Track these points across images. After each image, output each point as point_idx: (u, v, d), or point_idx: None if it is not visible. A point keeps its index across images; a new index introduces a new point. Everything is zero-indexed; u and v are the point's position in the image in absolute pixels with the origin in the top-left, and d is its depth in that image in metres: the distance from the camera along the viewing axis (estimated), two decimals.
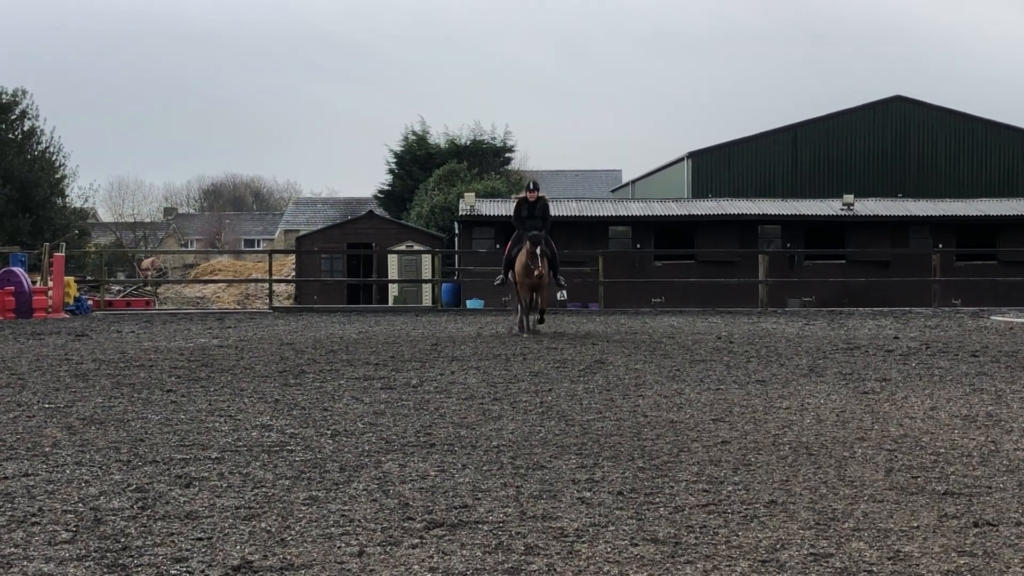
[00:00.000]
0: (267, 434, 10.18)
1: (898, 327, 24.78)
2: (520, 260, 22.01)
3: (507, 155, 67.61)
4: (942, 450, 9.43)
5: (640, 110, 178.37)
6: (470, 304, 38.76)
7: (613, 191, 78.04)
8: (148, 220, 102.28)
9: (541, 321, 23.14)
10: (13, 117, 60.61)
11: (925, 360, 16.96)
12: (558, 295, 21.88)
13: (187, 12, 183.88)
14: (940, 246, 42.75)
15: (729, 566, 5.97)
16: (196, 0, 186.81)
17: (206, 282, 53.15)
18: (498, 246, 43.52)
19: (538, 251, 21.63)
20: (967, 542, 6.46)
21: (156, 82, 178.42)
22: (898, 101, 55.76)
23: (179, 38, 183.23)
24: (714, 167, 55.16)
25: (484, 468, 8.61)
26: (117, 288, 50.19)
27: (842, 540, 6.49)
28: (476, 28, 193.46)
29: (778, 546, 6.36)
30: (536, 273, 21.62)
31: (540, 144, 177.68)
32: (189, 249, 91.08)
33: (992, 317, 29.09)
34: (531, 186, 22.95)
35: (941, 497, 7.61)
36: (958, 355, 17.73)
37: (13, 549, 6.25)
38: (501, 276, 23.41)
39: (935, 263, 36.34)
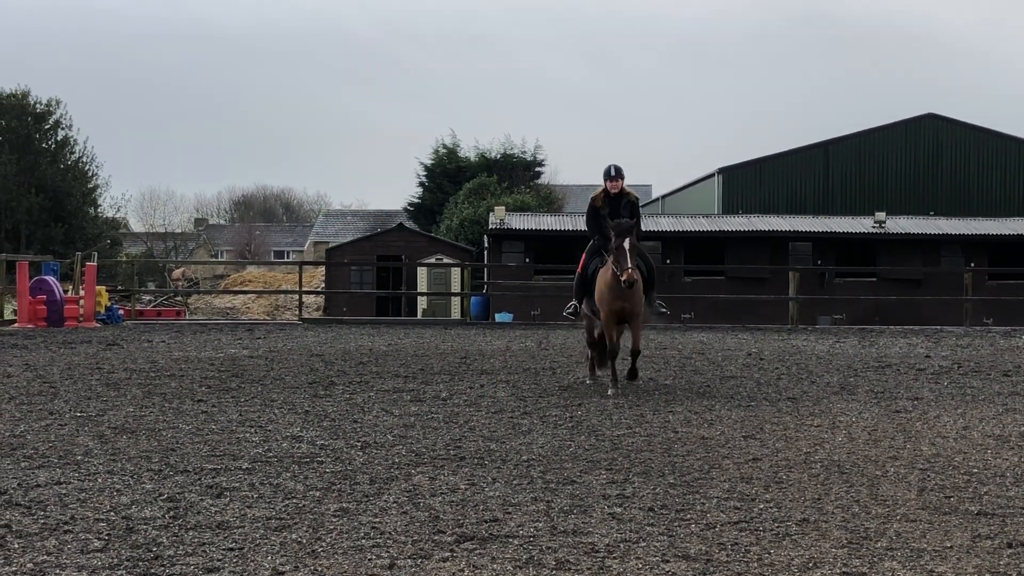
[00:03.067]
0: (297, 445, 10.20)
1: (929, 346, 24.64)
2: (603, 276, 14.88)
3: (537, 169, 67.62)
4: (975, 470, 9.37)
5: (671, 125, 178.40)
6: (499, 318, 38.73)
7: (643, 206, 77.94)
8: (179, 231, 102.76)
9: (634, 372, 15.61)
10: (47, 127, 61.11)
11: (957, 379, 16.85)
12: (653, 309, 15.88)
13: (219, 22, 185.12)
14: (972, 264, 42.47)
15: None
16: (230, 10, 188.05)
17: (236, 293, 53.32)
18: (528, 260, 43.53)
19: (627, 245, 14.31)
20: (1001, 563, 6.41)
21: (188, 92, 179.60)
22: (930, 119, 55.54)
23: (211, 48, 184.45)
24: (745, 183, 55.03)
25: (514, 482, 8.60)
26: (148, 298, 50.42)
27: (875, 559, 6.45)
28: (508, 41, 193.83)
29: (810, 565, 6.33)
30: (626, 280, 14.16)
31: (571, 158, 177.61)
32: (219, 260, 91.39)
33: None
34: (611, 172, 15.31)
35: (974, 517, 7.56)
36: (990, 375, 17.61)
37: (46, 557, 6.28)
38: (572, 304, 16.22)
39: (967, 282, 36.11)
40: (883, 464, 9.59)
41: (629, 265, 14.18)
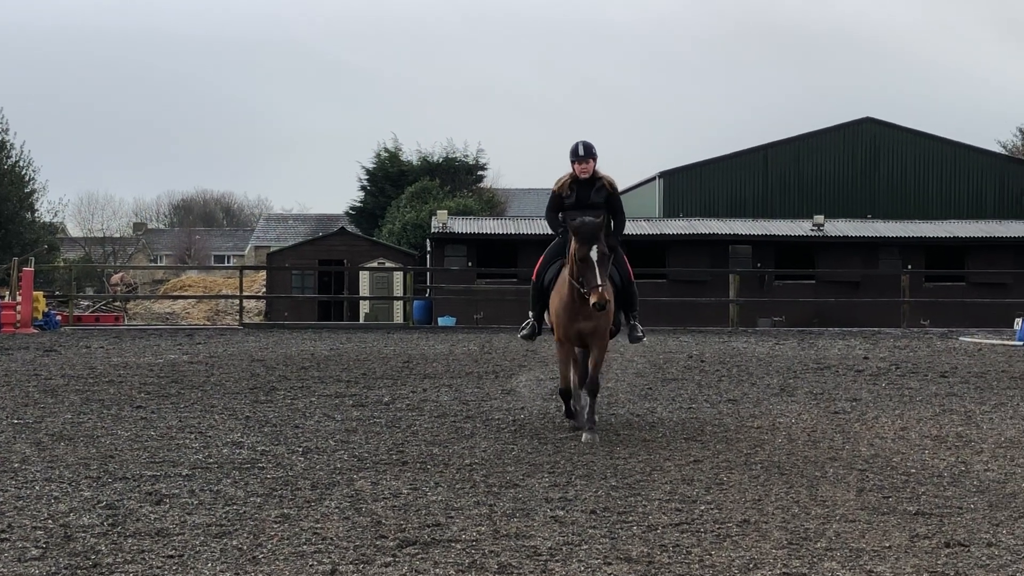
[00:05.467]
0: (238, 451, 10.14)
1: (868, 347, 24.89)
2: (559, 288, 11.52)
3: (479, 172, 67.56)
4: (913, 470, 9.48)
5: (612, 128, 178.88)
6: (442, 321, 38.69)
7: None
8: (117, 235, 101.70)
9: (591, 413, 11.47)
10: None
11: (895, 380, 17.04)
12: (632, 336, 12.27)
13: (159, 25, 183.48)
14: (909, 267, 42.92)
15: None
16: (169, 14, 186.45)
17: (176, 298, 52.90)
18: (470, 263, 43.48)
19: (594, 255, 10.83)
20: (939, 562, 6.48)
21: (126, 96, 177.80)
22: (868, 123, 56.07)
23: (150, 51, 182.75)
24: (685, 186, 55.29)
25: (457, 486, 8.59)
26: (86, 303, 49.85)
27: (815, 560, 6.51)
28: (451, 44, 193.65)
29: (751, 565, 6.37)
30: (595, 302, 10.68)
31: (513, 162, 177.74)
32: (159, 265, 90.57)
33: (961, 338, 29.25)
34: (579, 151, 11.78)
35: (912, 517, 7.64)
36: (928, 376, 17.82)
37: None
38: (530, 321, 12.34)
39: (904, 284, 36.53)
40: (822, 465, 9.67)
41: (598, 281, 10.68)
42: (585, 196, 11.79)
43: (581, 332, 11.39)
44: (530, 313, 12.32)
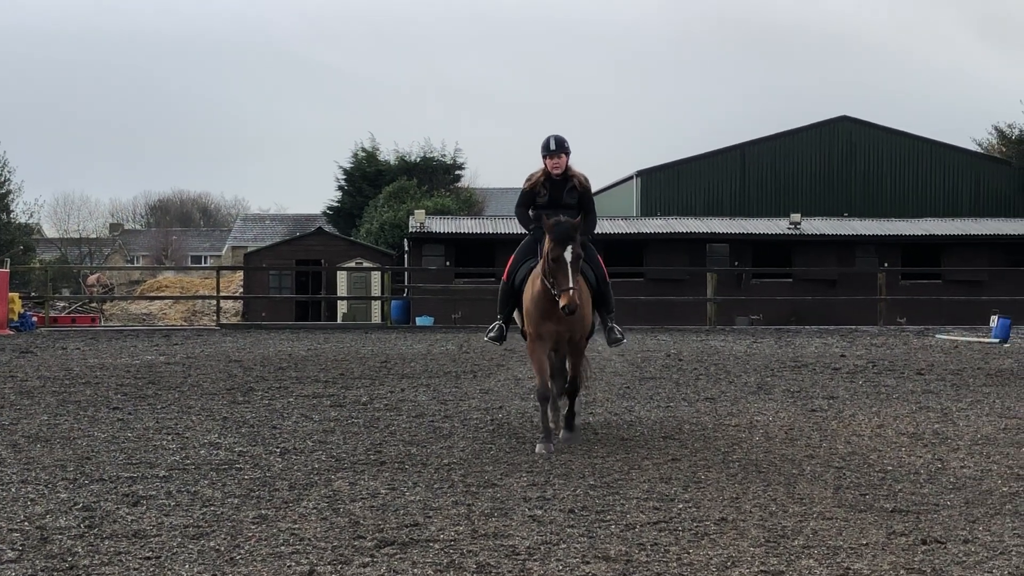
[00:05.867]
0: (215, 452, 10.11)
1: (845, 345, 24.97)
2: (531, 287, 10.91)
3: (457, 172, 67.48)
4: (890, 468, 9.51)
5: (590, 128, 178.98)
6: (420, 321, 38.66)
7: None
8: (94, 236, 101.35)
9: (571, 418, 11.46)
10: None
11: (872, 378, 17.10)
12: (610, 338, 11.65)
13: (134, 25, 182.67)
14: (886, 265, 43.10)
15: None
16: (144, 13, 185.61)
17: (153, 299, 52.73)
18: (448, 263, 43.47)
19: (568, 256, 10.30)
20: (915, 559, 6.51)
21: (103, 97, 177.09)
22: (844, 121, 56.29)
23: (126, 51, 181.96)
24: (663, 186, 55.40)
25: (435, 486, 8.59)
26: (62, 304, 49.66)
27: (792, 558, 6.52)
28: (428, 44, 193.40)
29: (729, 564, 6.39)
30: (565, 305, 10.14)
31: (491, 161, 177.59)
32: (135, 265, 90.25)
33: (937, 336, 29.37)
34: (550, 145, 11.27)
35: (889, 515, 7.67)
36: (904, 373, 17.89)
37: None
38: (497, 323, 11.56)
39: (881, 282, 36.65)
40: (800, 463, 9.70)
41: (570, 284, 10.15)
42: (558, 196, 11.29)
43: (555, 335, 10.82)
44: (498, 316, 11.58)
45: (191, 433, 11.24)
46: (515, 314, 11.51)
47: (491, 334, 11.61)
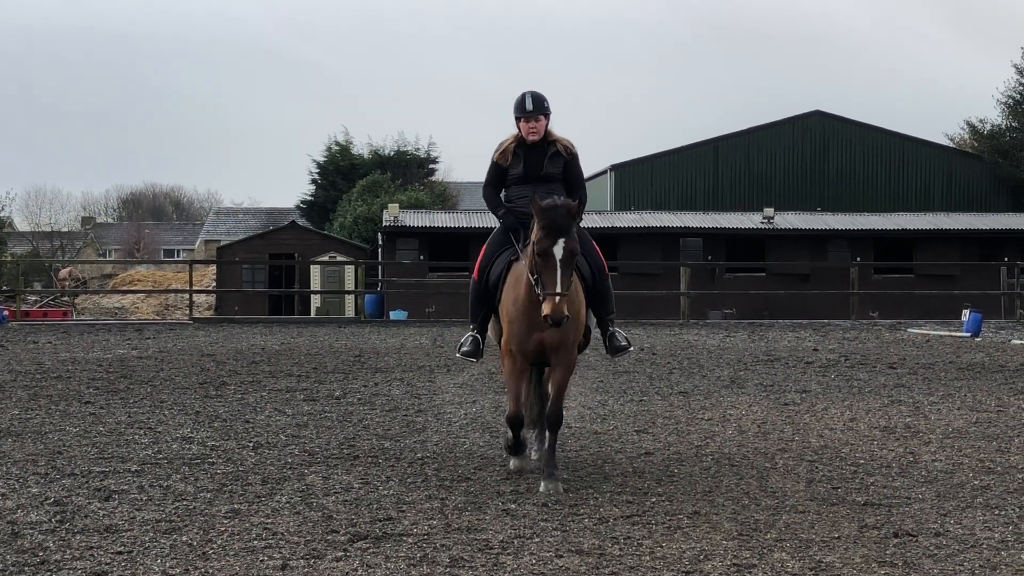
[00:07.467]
0: (188, 446, 10.08)
1: (817, 339, 25.07)
2: (513, 286, 8.77)
3: (431, 166, 67.38)
4: (862, 461, 9.56)
5: (564, 122, 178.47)
6: (393, 315, 38.57)
7: None
8: (66, 229, 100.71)
9: (551, 452, 8.72)
10: None
11: (844, 372, 17.17)
12: (612, 346, 9.22)
13: (106, 17, 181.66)
14: (858, 259, 43.27)
15: None
16: (116, 6, 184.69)
17: (125, 292, 52.42)
18: (422, 257, 43.42)
19: (559, 252, 8.17)
20: (887, 552, 6.54)
21: (74, 89, 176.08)
22: (817, 116, 56.46)
23: (98, 44, 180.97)
24: (637, 180, 55.47)
25: (408, 480, 8.58)
26: (34, 298, 49.33)
27: (765, 551, 6.55)
28: (402, 38, 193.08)
29: (701, 557, 6.41)
30: (550, 315, 8.03)
31: (465, 155, 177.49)
32: (107, 259, 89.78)
33: (909, 330, 29.51)
34: (526, 105, 9.17)
35: (861, 508, 7.71)
36: (876, 367, 17.97)
37: None
38: (470, 334, 9.24)
39: (853, 276, 36.79)
40: (772, 456, 9.74)
41: (557, 288, 8.07)
42: (535, 165, 9.11)
43: (542, 344, 8.61)
44: (471, 325, 9.33)
45: (163, 427, 11.19)
46: (492, 320, 9.31)
47: (464, 348, 9.26)
